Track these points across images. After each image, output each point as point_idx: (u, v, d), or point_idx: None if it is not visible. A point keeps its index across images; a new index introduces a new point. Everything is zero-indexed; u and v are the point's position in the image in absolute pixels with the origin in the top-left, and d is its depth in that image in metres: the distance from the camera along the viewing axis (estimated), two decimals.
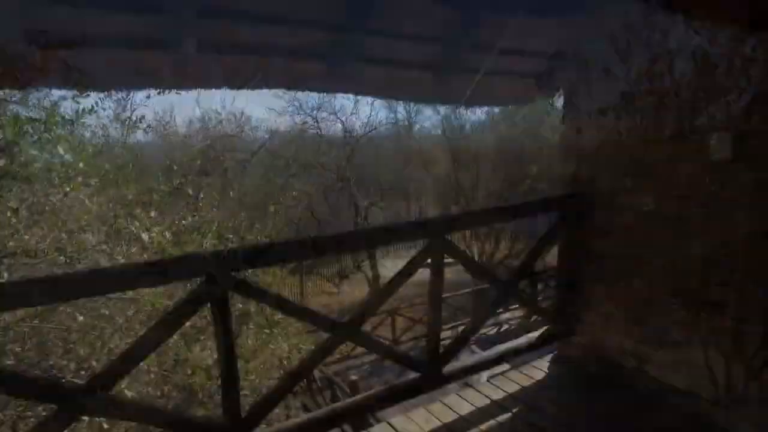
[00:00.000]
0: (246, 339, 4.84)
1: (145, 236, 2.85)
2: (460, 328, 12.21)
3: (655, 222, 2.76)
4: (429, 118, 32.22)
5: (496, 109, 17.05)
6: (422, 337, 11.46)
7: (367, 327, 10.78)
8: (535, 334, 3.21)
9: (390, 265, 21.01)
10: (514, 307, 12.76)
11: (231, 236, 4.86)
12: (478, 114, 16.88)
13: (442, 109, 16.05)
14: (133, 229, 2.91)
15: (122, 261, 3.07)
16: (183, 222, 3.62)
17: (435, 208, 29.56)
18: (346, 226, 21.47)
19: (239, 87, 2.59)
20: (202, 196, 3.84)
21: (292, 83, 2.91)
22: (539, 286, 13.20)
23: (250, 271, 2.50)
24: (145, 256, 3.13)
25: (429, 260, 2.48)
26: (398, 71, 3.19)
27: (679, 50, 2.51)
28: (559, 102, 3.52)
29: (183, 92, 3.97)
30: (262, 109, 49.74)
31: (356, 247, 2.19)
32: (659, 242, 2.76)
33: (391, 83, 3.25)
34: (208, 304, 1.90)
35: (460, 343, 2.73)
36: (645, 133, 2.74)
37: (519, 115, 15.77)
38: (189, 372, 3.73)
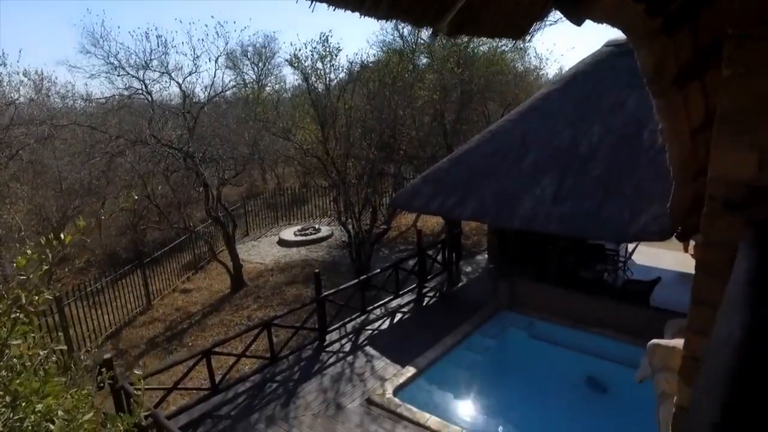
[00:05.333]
0: None
1: None
2: (349, 325, 10.49)
3: None
4: (285, 78, 29.41)
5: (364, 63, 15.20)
6: (306, 347, 9.43)
7: (238, 345, 8.39)
8: None
9: (256, 251, 18.42)
10: (404, 291, 11.36)
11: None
12: (342, 72, 14.81)
13: (306, 65, 13.65)
14: None
15: None
16: None
17: (296, 179, 27.21)
18: (195, 212, 18.31)
19: None
20: None
21: None
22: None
23: None
24: None
25: None
26: None
27: None
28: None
29: None
30: (64, 68, 41.83)
31: None
32: None
33: None
34: None
35: None
36: None
37: (389, 72, 14.06)
38: None
